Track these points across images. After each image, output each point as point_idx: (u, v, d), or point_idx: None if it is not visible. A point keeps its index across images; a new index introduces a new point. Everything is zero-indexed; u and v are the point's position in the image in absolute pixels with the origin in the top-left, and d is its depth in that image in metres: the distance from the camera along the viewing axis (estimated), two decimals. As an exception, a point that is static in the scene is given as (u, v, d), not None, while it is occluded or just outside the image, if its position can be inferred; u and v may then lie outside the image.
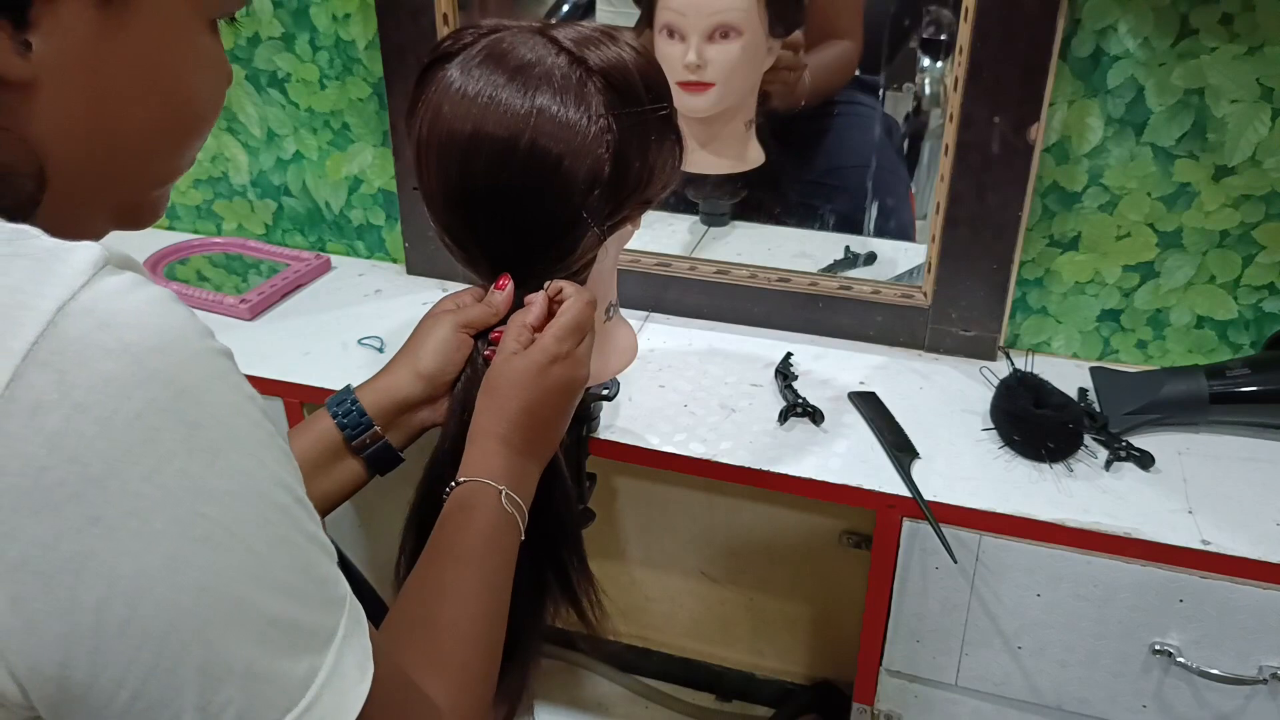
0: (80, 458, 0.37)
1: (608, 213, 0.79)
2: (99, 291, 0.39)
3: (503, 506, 0.69)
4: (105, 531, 0.38)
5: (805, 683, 1.48)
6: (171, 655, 0.40)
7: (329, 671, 0.44)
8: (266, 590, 0.43)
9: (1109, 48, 1.03)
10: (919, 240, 1.22)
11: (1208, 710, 0.93)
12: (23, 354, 0.37)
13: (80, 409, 0.37)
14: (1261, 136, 1.02)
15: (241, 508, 0.42)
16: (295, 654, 0.43)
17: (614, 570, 1.50)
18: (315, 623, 0.45)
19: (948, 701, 1.03)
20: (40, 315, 0.37)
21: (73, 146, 0.46)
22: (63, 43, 0.44)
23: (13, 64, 0.43)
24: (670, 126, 0.82)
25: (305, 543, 0.45)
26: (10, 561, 0.37)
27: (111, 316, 0.39)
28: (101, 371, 0.38)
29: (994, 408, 1.04)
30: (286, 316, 1.28)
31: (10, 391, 0.36)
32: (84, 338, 0.38)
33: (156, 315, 0.40)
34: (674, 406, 1.08)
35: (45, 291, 0.38)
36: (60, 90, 0.45)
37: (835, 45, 1.20)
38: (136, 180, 0.51)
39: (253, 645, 0.42)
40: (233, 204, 1.46)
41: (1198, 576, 0.89)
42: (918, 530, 0.95)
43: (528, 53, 0.76)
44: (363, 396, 0.80)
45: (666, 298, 1.26)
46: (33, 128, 0.45)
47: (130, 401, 0.38)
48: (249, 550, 0.42)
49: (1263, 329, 1.11)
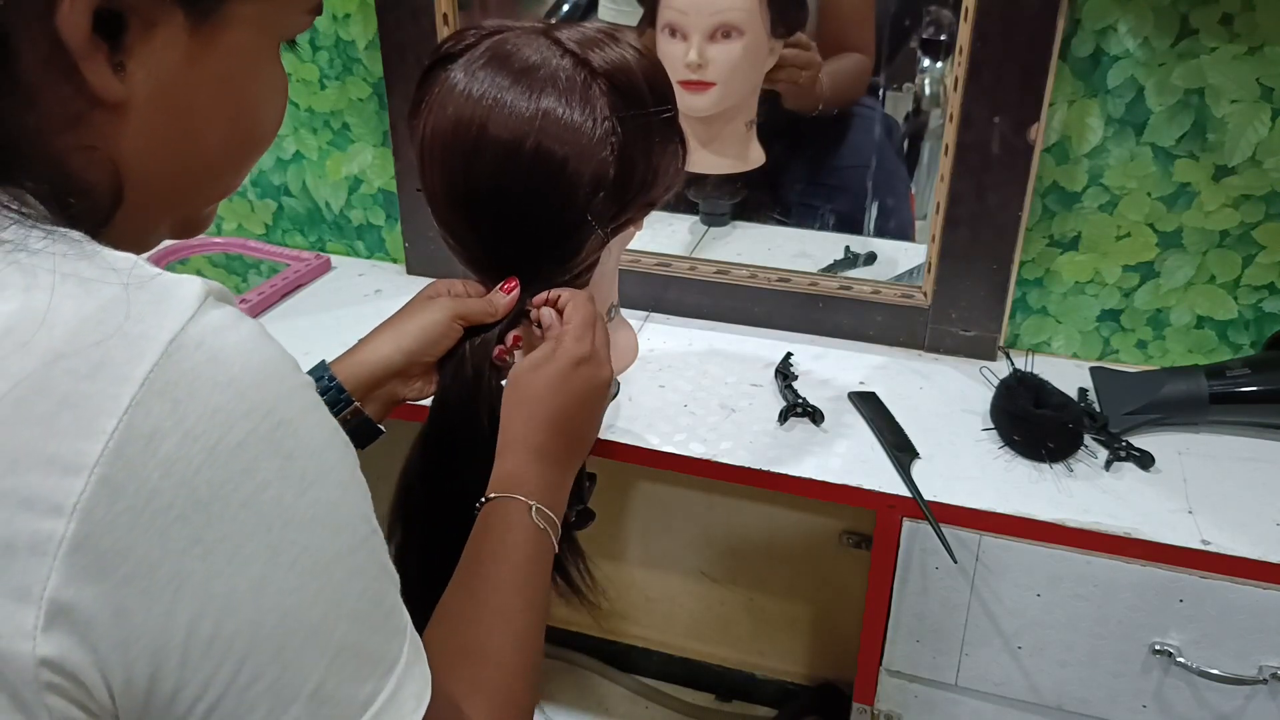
0: (189, 483, 0.40)
1: (611, 214, 0.79)
2: (205, 325, 0.41)
3: (534, 523, 0.68)
4: (203, 553, 0.40)
5: (806, 683, 1.48)
6: (250, 672, 0.42)
7: (388, 697, 0.46)
8: (341, 617, 0.44)
9: (1109, 48, 1.03)
10: (919, 240, 1.22)
11: (1208, 710, 0.93)
12: (141, 381, 0.39)
13: (191, 437, 0.40)
14: (1261, 136, 1.02)
15: (326, 537, 0.44)
16: (360, 679, 0.45)
17: (614, 570, 1.50)
18: (380, 650, 0.47)
19: (948, 701, 1.03)
20: (157, 345, 0.40)
21: (151, 166, 0.48)
22: (154, 66, 0.46)
23: (109, 85, 0.45)
24: (674, 128, 0.82)
25: (379, 573, 0.47)
26: (120, 577, 0.39)
27: (219, 351, 0.41)
28: (211, 403, 0.40)
29: (994, 408, 1.04)
30: (286, 316, 1.28)
31: (130, 417, 0.39)
32: (195, 370, 0.40)
33: (257, 351, 0.43)
34: (674, 406, 1.08)
35: (162, 323, 0.40)
36: (148, 112, 0.47)
37: (848, 58, 1.21)
38: (201, 197, 0.54)
39: (323, 668, 0.44)
40: (233, 204, 1.46)
41: (1198, 576, 0.89)
42: (918, 530, 0.95)
43: (532, 54, 0.76)
44: (338, 371, 0.79)
45: (666, 298, 1.26)
46: (119, 147, 0.47)
47: (233, 432, 0.41)
48: (329, 578, 0.44)
49: (1263, 329, 1.12)
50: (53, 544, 0.38)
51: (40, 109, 0.44)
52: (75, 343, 0.39)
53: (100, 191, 0.47)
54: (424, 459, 0.81)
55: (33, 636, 0.38)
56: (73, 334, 0.39)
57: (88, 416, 0.38)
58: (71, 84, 0.44)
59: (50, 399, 0.38)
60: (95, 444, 0.38)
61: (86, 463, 0.38)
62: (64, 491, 0.38)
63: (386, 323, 0.81)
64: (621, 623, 1.54)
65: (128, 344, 0.39)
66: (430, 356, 0.79)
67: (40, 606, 0.38)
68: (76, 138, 0.45)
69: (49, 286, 0.40)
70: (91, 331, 0.39)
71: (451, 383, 0.80)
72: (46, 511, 0.38)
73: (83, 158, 0.46)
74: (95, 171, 0.46)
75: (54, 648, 0.39)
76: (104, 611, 0.39)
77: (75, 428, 0.38)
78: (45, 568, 0.38)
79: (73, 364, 0.39)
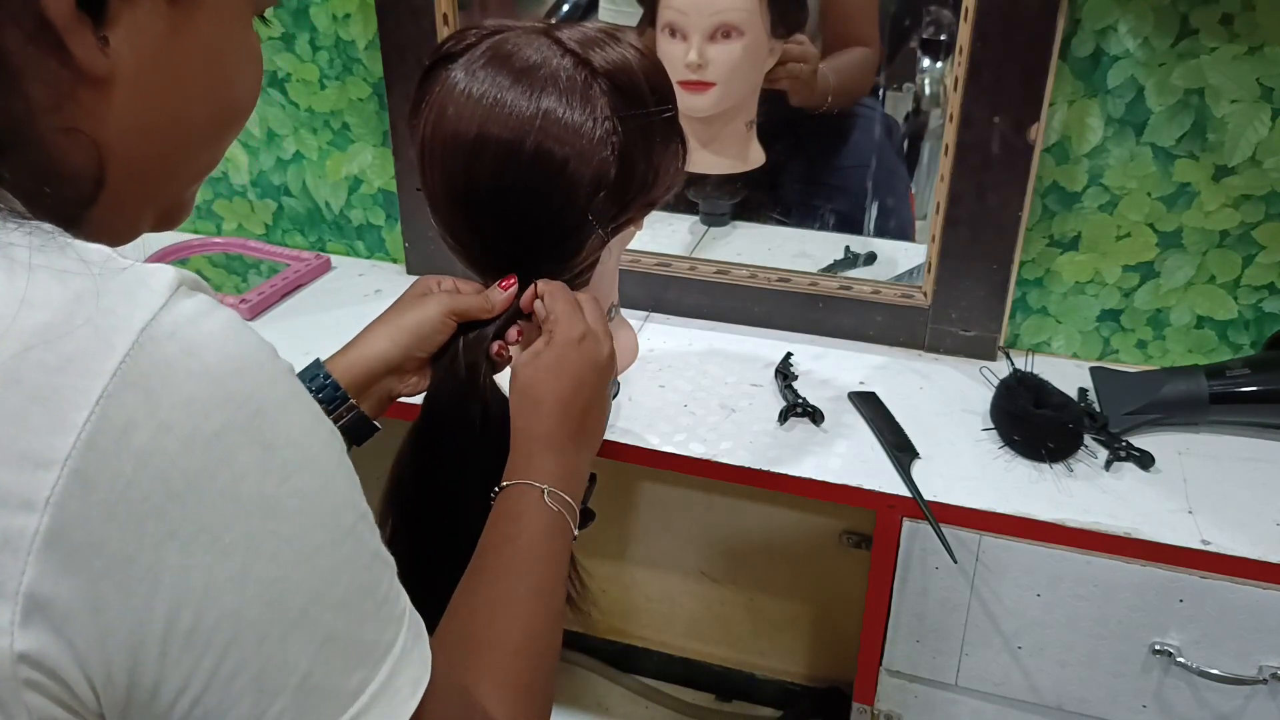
0: (163, 474, 0.39)
1: (612, 214, 0.79)
2: (178, 314, 0.41)
3: (548, 505, 0.68)
4: (181, 545, 0.40)
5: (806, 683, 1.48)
6: (232, 664, 0.41)
7: (380, 684, 0.46)
8: (328, 607, 0.44)
9: (1109, 48, 1.03)
10: (919, 240, 1.23)
11: (1208, 710, 0.93)
12: (112, 373, 0.39)
13: (165, 428, 0.39)
14: (1261, 136, 1.02)
15: (309, 526, 0.43)
16: (349, 669, 0.45)
17: (614, 570, 1.50)
18: (371, 638, 0.46)
19: (948, 701, 1.03)
20: (128, 336, 0.39)
21: (136, 145, 0.48)
22: (137, 40, 0.46)
23: (95, 59, 0.44)
24: (674, 127, 0.81)
25: (369, 560, 0.47)
26: (95, 571, 0.39)
27: (192, 340, 0.40)
28: (184, 393, 0.40)
29: (994, 408, 1.04)
30: (286, 316, 1.28)
31: (102, 409, 0.38)
32: (168, 360, 0.40)
33: (233, 339, 0.42)
34: (674, 406, 1.08)
35: (133, 313, 0.40)
36: (131, 86, 0.46)
37: (853, 51, 1.21)
38: (180, 177, 0.53)
39: (310, 659, 0.43)
40: (233, 204, 1.46)
41: (1198, 576, 0.89)
42: (918, 530, 0.95)
43: (533, 54, 0.76)
44: (333, 369, 0.79)
45: (666, 298, 1.26)
46: (103, 126, 0.46)
47: (209, 421, 0.40)
48: (314, 568, 0.44)
49: (1263, 329, 1.12)
50: (26, 539, 0.38)
51: (24, 91, 0.43)
52: (45, 335, 0.39)
53: (82, 176, 0.46)
54: (415, 453, 0.81)
55: (10, 632, 0.38)
56: (43, 327, 0.39)
57: (58, 410, 0.38)
58: (55, 61, 0.43)
59: (20, 393, 0.38)
60: (67, 438, 0.38)
61: (58, 457, 0.38)
62: (36, 486, 0.38)
63: (379, 319, 0.81)
64: (621, 623, 1.54)
65: (98, 335, 0.39)
66: (424, 352, 0.79)
67: (16, 602, 0.38)
68: (60, 119, 0.45)
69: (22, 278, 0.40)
70: (62, 324, 0.39)
71: (444, 377, 0.80)
72: (18, 507, 0.38)
73: (65, 141, 0.45)
74: (77, 155, 0.46)
75: (31, 642, 0.39)
76: (80, 605, 0.39)
77: (46, 422, 0.38)
78: (20, 563, 0.38)
79: (42, 356, 0.38)
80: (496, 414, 0.77)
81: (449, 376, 0.79)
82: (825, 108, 1.23)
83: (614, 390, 0.96)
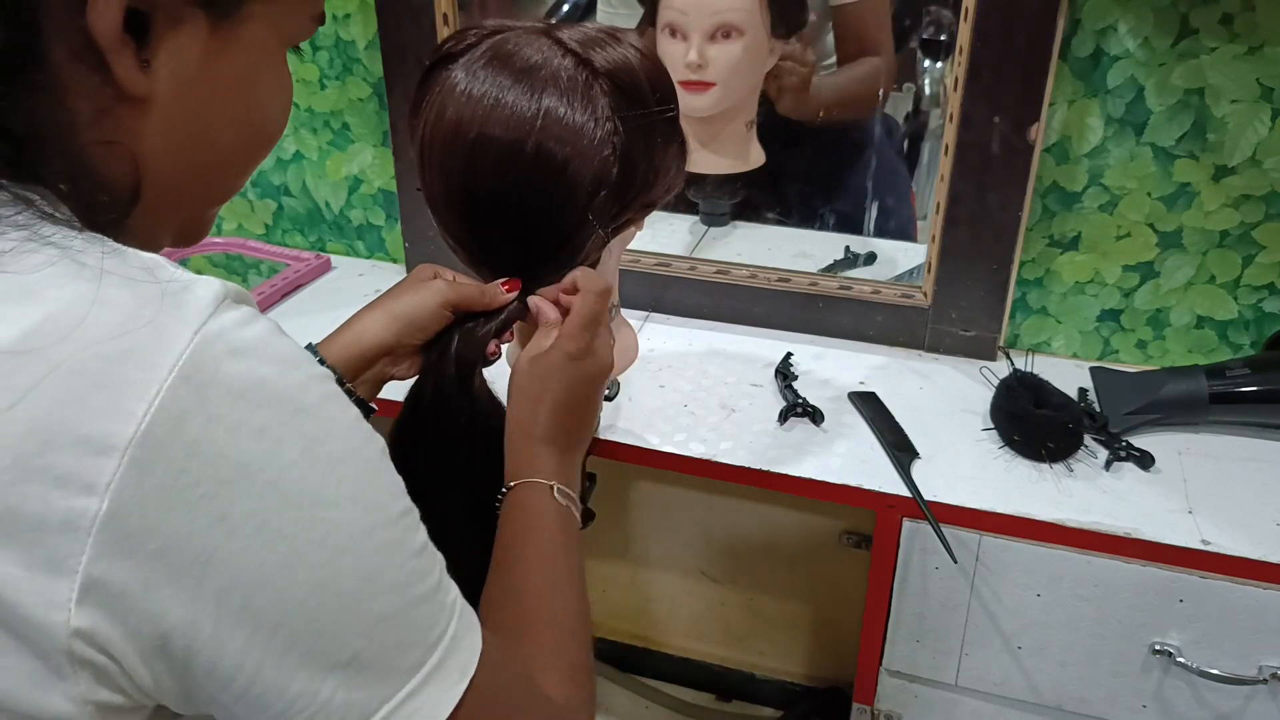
0: (213, 462, 0.42)
1: (612, 215, 0.78)
2: (226, 321, 0.44)
3: (558, 500, 0.70)
4: (230, 529, 0.43)
5: (807, 683, 1.48)
6: (283, 643, 0.44)
7: (432, 667, 0.48)
8: (380, 590, 0.47)
9: (1109, 48, 1.03)
10: (919, 240, 1.23)
11: (1208, 710, 0.93)
12: (170, 369, 0.42)
13: (214, 420, 0.42)
14: (1261, 136, 1.02)
15: (356, 513, 0.46)
16: (402, 650, 0.47)
17: (614, 570, 1.50)
18: (425, 623, 0.49)
19: (948, 701, 1.03)
20: (183, 338, 0.42)
21: (169, 163, 0.51)
22: (177, 63, 0.49)
23: (136, 80, 0.47)
24: (675, 128, 0.81)
25: (419, 549, 0.50)
26: (149, 552, 0.41)
27: (238, 344, 0.44)
28: (233, 390, 0.43)
29: (994, 408, 1.04)
30: (286, 316, 1.28)
31: (161, 401, 0.41)
32: (218, 360, 0.43)
33: (274, 346, 0.45)
34: (674, 406, 1.08)
35: (186, 317, 0.43)
36: (169, 107, 0.49)
37: (863, 63, 1.21)
38: (207, 197, 0.56)
39: (362, 639, 0.46)
40: (233, 204, 1.46)
41: (1198, 576, 0.89)
42: (918, 530, 0.95)
43: (533, 54, 0.75)
44: (328, 351, 0.79)
45: (666, 298, 1.26)
46: (141, 143, 0.49)
47: (255, 417, 0.43)
48: (362, 552, 0.46)
49: (1263, 329, 1.12)
50: (87, 520, 0.40)
51: (68, 105, 0.46)
52: (112, 332, 0.42)
53: (121, 187, 0.49)
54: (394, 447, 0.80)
55: (67, 608, 0.41)
56: (111, 325, 0.42)
57: (117, 398, 0.41)
58: (99, 79, 0.46)
59: (84, 382, 0.41)
60: (127, 426, 0.40)
61: (118, 444, 0.40)
62: (97, 471, 0.40)
63: (376, 302, 0.81)
64: (621, 622, 1.54)
65: (158, 335, 0.42)
66: (418, 340, 0.80)
67: (75, 580, 0.40)
68: (100, 132, 0.47)
69: (94, 281, 0.43)
70: (127, 322, 0.42)
71: (431, 371, 0.79)
72: (80, 490, 0.40)
73: (105, 152, 0.48)
74: (116, 166, 0.48)
75: (87, 619, 0.41)
76: (135, 585, 0.41)
77: (106, 408, 0.40)
78: (80, 543, 0.40)
79: (105, 349, 0.41)
80: (483, 411, 0.77)
81: (435, 370, 0.79)
82: (817, 122, 1.23)
83: (614, 390, 0.96)
